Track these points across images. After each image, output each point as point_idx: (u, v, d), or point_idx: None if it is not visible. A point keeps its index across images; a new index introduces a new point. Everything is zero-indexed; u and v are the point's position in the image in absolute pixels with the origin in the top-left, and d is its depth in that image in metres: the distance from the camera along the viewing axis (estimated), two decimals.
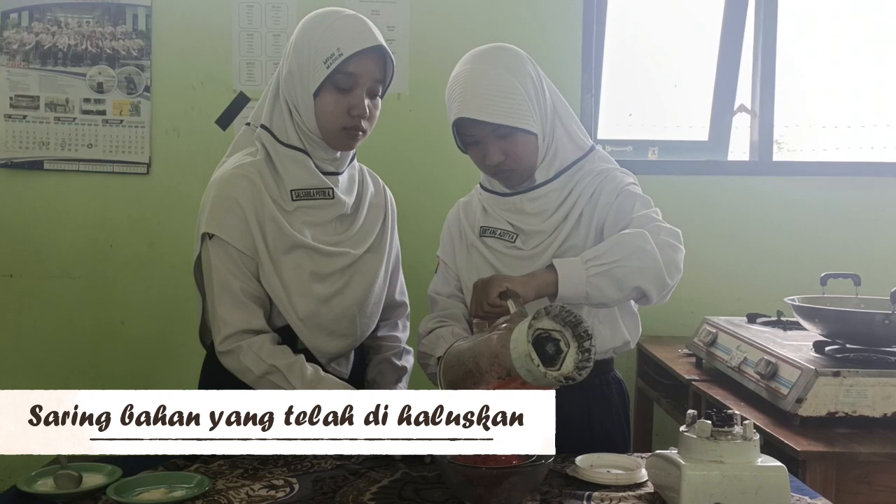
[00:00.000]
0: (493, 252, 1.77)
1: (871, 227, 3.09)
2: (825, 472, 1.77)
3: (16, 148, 2.96)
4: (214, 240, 1.67)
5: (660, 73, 3.30)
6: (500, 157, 1.69)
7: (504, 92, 1.66)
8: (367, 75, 1.67)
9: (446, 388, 1.55)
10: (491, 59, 1.70)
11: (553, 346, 1.39)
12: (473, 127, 1.68)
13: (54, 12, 2.94)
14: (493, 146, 1.69)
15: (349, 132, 1.69)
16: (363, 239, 1.79)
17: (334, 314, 1.73)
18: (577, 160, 1.77)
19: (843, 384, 1.89)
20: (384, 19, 2.95)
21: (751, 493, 1.32)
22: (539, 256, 1.73)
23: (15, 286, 2.98)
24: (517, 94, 1.67)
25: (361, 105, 1.67)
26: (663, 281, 1.59)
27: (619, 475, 1.51)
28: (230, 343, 1.66)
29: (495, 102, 1.65)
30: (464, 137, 1.73)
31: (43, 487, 1.44)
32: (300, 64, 1.67)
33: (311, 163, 1.71)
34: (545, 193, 1.75)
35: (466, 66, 1.71)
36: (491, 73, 1.67)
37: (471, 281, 1.80)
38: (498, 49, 1.73)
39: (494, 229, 1.79)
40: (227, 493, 1.43)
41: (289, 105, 1.71)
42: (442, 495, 1.43)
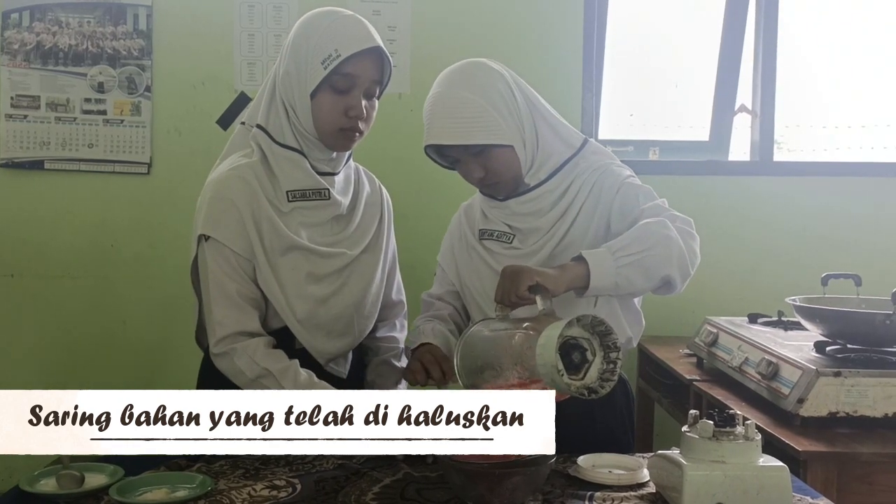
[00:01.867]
0: (491, 254, 1.79)
1: (871, 228, 3.09)
2: (826, 472, 1.77)
3: (16, 148, 2.96)
4: (210, 242, 1.67)
5: (661, 73, 3.30)
6: (481, 173, 1.72)
7: (468, 112, 1.68)
8: (364, 76, 1.67)
9: (460, 373, 1.55)
10: (455, 82, 1.73)
11: (579, 355, 1.38)
12: (447, 150, 1.73)
13: (55, 12, 2.94)
14: (471, 164, 1.72)
15: (346, 133, 1.69)
16: (359, 239, 1.79)
17: (332, 315, 1.73)
18: (569, 158, 1.78)
19: (844, 384, 1.89)
20: (385, 19, 2.95)
21: (752, 494, 1.32)
22: (536, 253, 1.74)
23: (15, 286, 2.98)
24: (482, 111, 1.69)
25: (359, 106, 1.67)
26: (687, 269, 1.61)
27: (620, 475, 1.51)
28: (224, 345, 1.65)
29: (459, 123, 1.68)
30: (444, 159, 1.77)
31: (45, 487, 1.44)
32: (297, 64, 1.67)
33: (307, 163, 1.71)
34: (539, 195, 1.76)
35: (434, 90, 1.75)
36: (453, 95, 1.70)
37: (471, 283, 1.82)
38: (463, 68, 1.75)
39: (492, 231, 1.81)
40: (229, 494, 1.43)
41: (285, 105, 1.70)
42: (444, 495, 1.43)
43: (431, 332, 1.79)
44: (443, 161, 1.78)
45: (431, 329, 1.80)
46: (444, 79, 1.75)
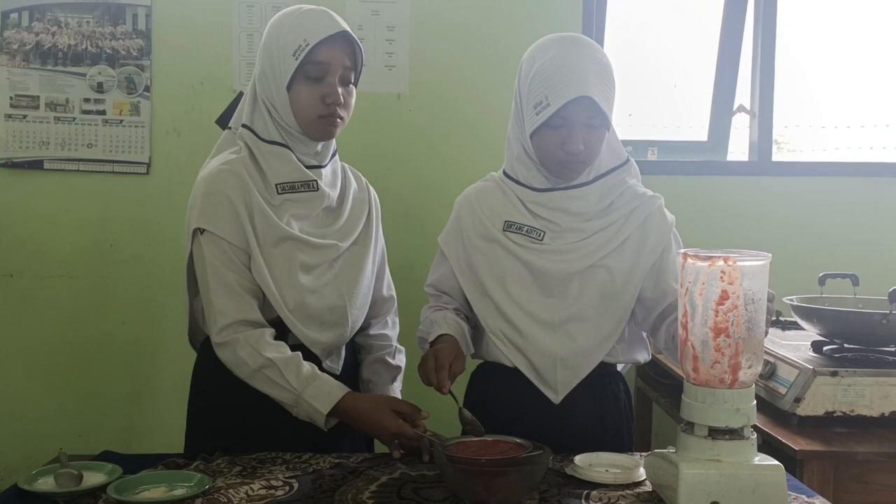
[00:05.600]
0: (518, 247, 1.76)
1: (869, 227, 3.09)
2: (823, 471, 1.77)
3: (16, 148, 2.96)
4: (206, 235, 1.69)
5: (659, 74, 3.30)
6: (581, 147, 1.67)
7: (611, 82, 1.68)
8: (336, 62, 1.70)
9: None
10: (592, 46, 1.71)
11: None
12: (578, 110, 1.64)
13: (54, 12, 2.95)
14: (579, 134, 1.66)
15: (326, 120, 1.72)
16: (349, 232, 1.82)
17: (324, 305, 1.75)
18: (613, 168, 1.79)
19: (840, 384, 1.90)
20: (384, 19, 2.95)
21: (748, 492, 1.32)
22: (569, 253, 1.74)
23: (15, 286, 2.98)
24: (614, 87, 1.69)
25: (335, 92, 1.70)
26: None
27: (617, 474, 1.52)
28: (227, 334, 1.66)
29: (605, 91, 1.66)
30: (554, 119, 1.65)
31: (44, 486, 1.45)
32: (271, 61, 1.71)
33: (294, 157, 1.74)
34: (586, 194, 1.75)
35: (569, 48, 1.67)
36: (601, 59, 1.68)
37: (491, 282, 1.78)
38: (587, 38, 1.74)
39: (521, 225, 1.77)
40: (226, 492, 1.43)
41: (265, 104, 1.74)
42: (441, 494, 1.44)
43: (445, 322, 1.77)
44: (552, 119, 1.65)
45: (444, 317, 1.78)
46: (578, 39, 1.71)
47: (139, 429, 2.98)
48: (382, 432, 1.63)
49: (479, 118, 2.95)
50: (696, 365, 1.39)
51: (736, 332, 1.36)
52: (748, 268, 1.37)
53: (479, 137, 2.94)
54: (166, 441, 2.11)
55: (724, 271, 1.36)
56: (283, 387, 1.64)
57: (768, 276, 1.40)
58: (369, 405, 1.66)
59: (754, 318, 1.37)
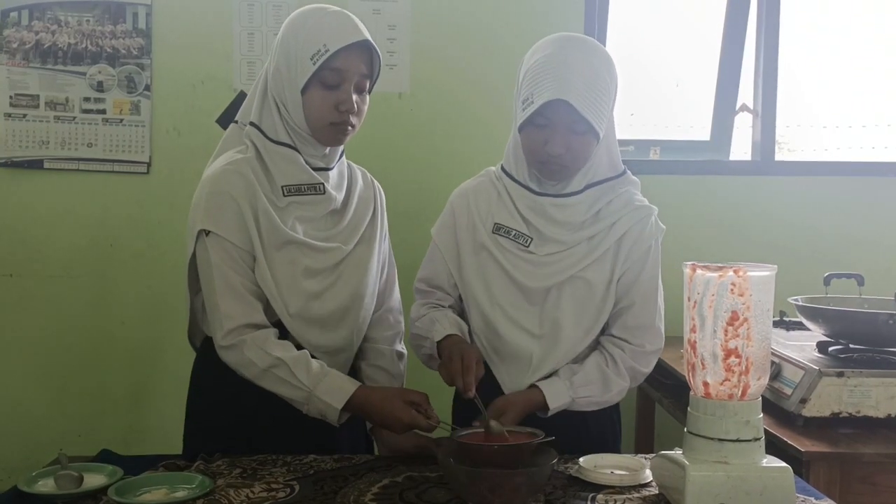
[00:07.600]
0: (504, 253, 1.76)
1: (874, 227, 3.08)
2: (829, 472, 1.76)
3: (15, 147, 2.95)
4: (211, 236, 1.67)
5: (661, 73, 3.29)
6: (563, 150, 1.65)
7: (600, 88, 1.64)
8: (353, 70, 1.68)
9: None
10: (591, 51, 1.68)
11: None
12: (560, 113, 1.62)
13: (54, 11, 2.93)
14: (561, 137, 1.64)
15: (338, 127, 1.70)
16: (353, 233, 1.80)
17: (327, 309, 1.73)
18: (606, 179, 1.76)
19: (846, 384, 1.88)
20: (385, 18, 2.94)
21: (755, 494, 1.31)
22: (549, 266, 1.73)
23: (15, 286, 2.97)
24: (606, 94, 1.65)
25: (349, 100, 1.68)
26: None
27: (623, 476, 1.51)
28: (233, 337, 1.65)
29: (591, 97, 1.62)
30: (536, 117, 1.65)
31: (44, 488, 1.44)
32: (287, 61, 1.69)
33: (301, 159, 1.72)
34: (574, 203, 1.74)
35: (564, 49, 1.65)
36: (593, 64, 1.64)
37: (477, 283, 1.78)
38: (591, 40, 1.73)
39: (510, 229, 1.76)
40: (227, 494, 1.42)
41: (276, 102, 1.72)
42: (444, 496, 1.42)
43: (448, 321, 1.75)
44: (535, 117, 1.64)
45: (445, 316, 1.77)
46: (576, 42, 1.69)
47: (139, 429, 2.97)
48: (396, 423, 1.61)
49: (480, 117, 2.94)
50: (704, 379, 1.38)
51: (746, 345, 1.35)
52: (757, 278, 1.35)
53: (480, 136, 2.93)
54: (166, 441, 2.10)
55: (735, 283, 1.34)
56: (294, 385, 1.63)
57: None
58: (381, 397, 1.65)
59: (763, 331, 1.36)
